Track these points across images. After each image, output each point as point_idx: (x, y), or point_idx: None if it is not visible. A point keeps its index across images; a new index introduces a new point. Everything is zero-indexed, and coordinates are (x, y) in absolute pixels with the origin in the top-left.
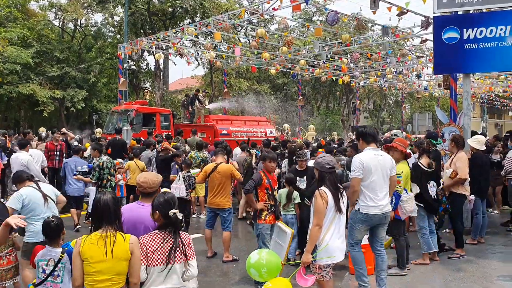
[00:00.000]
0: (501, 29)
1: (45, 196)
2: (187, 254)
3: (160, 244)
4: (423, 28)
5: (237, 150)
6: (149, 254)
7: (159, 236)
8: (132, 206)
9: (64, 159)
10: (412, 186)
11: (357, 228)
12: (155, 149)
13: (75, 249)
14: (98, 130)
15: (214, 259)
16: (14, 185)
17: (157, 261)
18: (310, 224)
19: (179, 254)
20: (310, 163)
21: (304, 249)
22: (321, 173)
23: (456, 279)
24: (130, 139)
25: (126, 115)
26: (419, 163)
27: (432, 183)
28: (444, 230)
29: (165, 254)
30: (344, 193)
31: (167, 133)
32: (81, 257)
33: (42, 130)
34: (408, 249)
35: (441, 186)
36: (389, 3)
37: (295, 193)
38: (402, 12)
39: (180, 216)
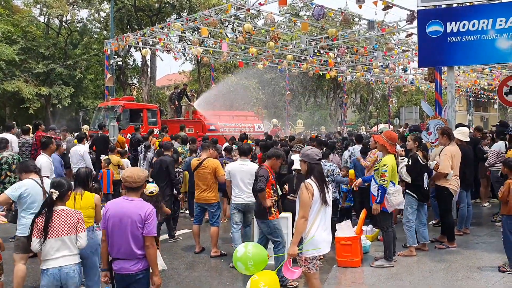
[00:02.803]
0: (483, 23)
1: (45, 192)
2: (78, 228)
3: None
4: (409, 22)
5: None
6: (41, 229)
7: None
8: (118, 201)
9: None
10: (406, 176)
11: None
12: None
13: None
14: (85, 126)
15: (202, 254)
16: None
17: (50, 234)
18: (296, 216)
19: (66, 228)
20: (295, 157)
21: (291, 241)
22: (310, 165)
23: (442, 269)
24: (117, 135)
25: (113, 112)
26: (418, 157)
27: (426, 174)
28: (431, 222)
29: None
30: (330, 185)
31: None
32: None
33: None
34: (395, 241)
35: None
36: None
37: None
38: (387, 6)
39: (55, 196)
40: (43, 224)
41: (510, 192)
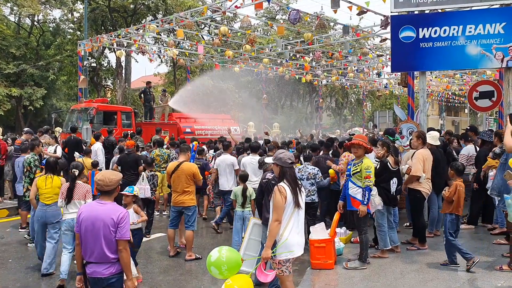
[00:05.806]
0: (454, 29)
1: None
2: (86, 196)
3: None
4: (383, 27)
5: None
6: (64, 194)
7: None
8: (91, 204)
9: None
10: None
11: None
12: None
13: (34, 182)
14: (58, 129)
15: (176, 258)
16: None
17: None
18: (269, 219)
19: (78, 195)
20: (268, 159)
21: (264, 244)
22: (282, 168)
23: (413, 270)
24: (90, 137)
25: (86, 114)
26: (388, 163)
27: (394, 179)
28: (404, 224)
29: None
30: (303, 188)
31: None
32: (36, 186)
33: None
34: (369, 243)
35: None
36: (350, 2)
37: (250, 190)
38: (362, 12)
39: (76, 173)
40: (65, 191)
41: (457, 192)
